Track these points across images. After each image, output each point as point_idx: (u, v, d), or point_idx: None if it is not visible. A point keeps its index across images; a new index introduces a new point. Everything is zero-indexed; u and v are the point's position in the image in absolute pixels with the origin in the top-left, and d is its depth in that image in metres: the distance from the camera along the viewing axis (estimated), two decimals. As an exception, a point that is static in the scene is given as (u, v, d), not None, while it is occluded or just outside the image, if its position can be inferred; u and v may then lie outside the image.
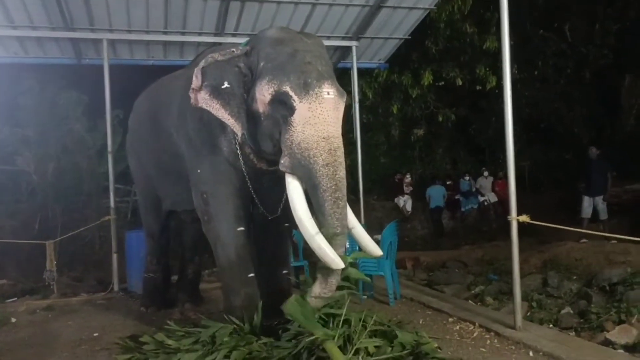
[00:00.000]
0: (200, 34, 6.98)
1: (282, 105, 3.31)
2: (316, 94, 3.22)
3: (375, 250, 3.64)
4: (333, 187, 3.18)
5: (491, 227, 12.75)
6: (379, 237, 5.34)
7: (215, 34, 6.99)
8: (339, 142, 3.27)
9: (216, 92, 3.61)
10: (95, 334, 4.72)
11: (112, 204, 6.68)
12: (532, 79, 13.32)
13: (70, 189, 9.82)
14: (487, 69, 11.20)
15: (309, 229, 3.24)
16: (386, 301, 5.40)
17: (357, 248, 5.84)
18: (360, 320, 3.48)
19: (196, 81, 3.66)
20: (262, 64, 3.49)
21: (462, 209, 13.66)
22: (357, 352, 3.24)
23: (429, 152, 15.27)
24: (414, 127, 14.21)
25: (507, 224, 4.29)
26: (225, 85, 3.61)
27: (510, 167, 4.23)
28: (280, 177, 3.60)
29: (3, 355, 4.22)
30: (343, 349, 3.24)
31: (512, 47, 11.85)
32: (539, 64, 13.06)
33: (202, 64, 3.68)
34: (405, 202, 13.58)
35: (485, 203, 13.61)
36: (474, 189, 13.70)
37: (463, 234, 12.67)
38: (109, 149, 6.73)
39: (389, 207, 13.96)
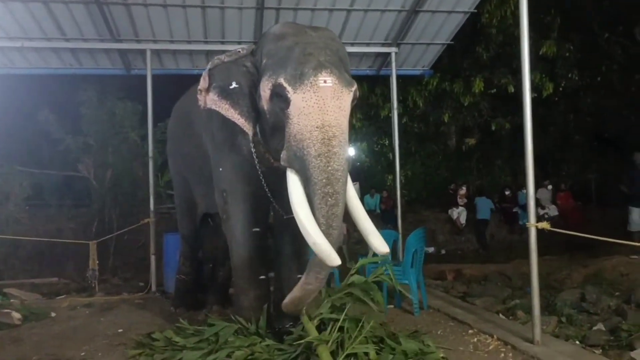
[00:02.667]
0: (239, 42, 7.13)
1: (279, 98, 3.25)
2: (311, 82, 3.10)
3: (382, 246, 3.33)
4: (324, 180, 3.02)
5: (551, 242, 12.10)
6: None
7: (255, 42, 7.10)
8: (335, 131, 3.07)
9: (224, 93, 3.65)
10: (120, 330, 4.88)
11: (151, 207, 6.92)
12: (596, 86, 12.57)
13: (126, 195, 10.28)
14: (544, 76, 10.71)
15: (305, 224, 3.08)
16: (412, 311, 5.23)
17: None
18: (357, 326, 3.40)
19: (203, 83, 3.75)
20: (264, 61, 3.48)
21: (520, 223, 13.07)
22: (348, 357, 3.17)
23: (487, 163, 14.78)
24: (467, 136, 13.82)
25: (568, 239, 4.04)
26: (234, 85, 3.64)
27: (529, 173, 4.01)
28: None
29: (29, 344, 4.48)
30: (335, 353, 3.19)
31: (572, 51, 11.40)
32: (603, 69, 12.30)
33: (209, 66, 3.76)
34: (459, 214, 13.20)
35: (546, 217, 12.94)
36: (533, 202, 13.07)
37: (520, 248, 12.09)
38: (150, 154, 7.02)
39: (442, 219, 13.62)
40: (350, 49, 6.84)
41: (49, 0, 6.14)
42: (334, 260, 3.02)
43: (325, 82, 3.11)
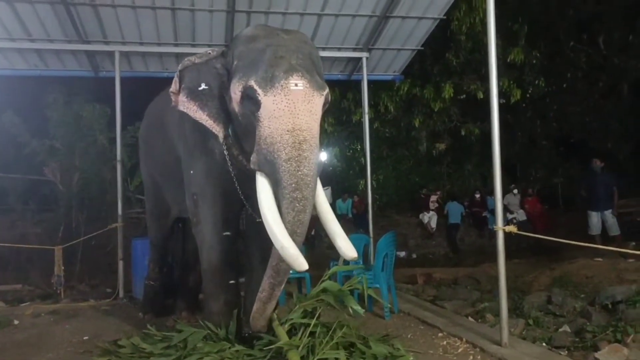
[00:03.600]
0: (210, 45, 7.08)
1: (250, 100, 3.21)
2: (282, 85, 3.07)
3: (349, 250, 3.31)
4: (293, 184, 3.01)
5: (519, 246, 12.33)
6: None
7: (225, 45, 7.08)
8: (306, 135, 3.05)
9: (193, 94, 3.59)
10: (86, 338, 4.77)
11: (119, 211, 6.79)
12: (561, 92, 12.89)
13: (94, 199, 10.06)
14: (512, 82, 10.94)
15: (273, 228, 3.06)
16: (383, 315, 5.25)
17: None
18: (328, 331, 3.40)
19: (174, 85, 3.70)
20: (235, 63, 3.43)
21: (490, 227, 13.29)
22: (319, 362, 3.17)
23: (457, 167, 14.99)
24: (437, 141, 14.02)
25: (535, 243, 4.10)
26: (203, 86, 3.59)
27: (496, 177, 4.08)
28: None
29: (-9, 354, 4.33)
30: (305, 359, 3.17)
31: (538, 59, 11.68)
32: (568, 76, 12.63)
33: (179, 67, 3.71)
34: (430, 218, 13.35)
35: (514, 221, 13.17)
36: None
37: (489, 251, 12.28)
38: (118, 157, 6.90)
39: (414, 224, 13.75)
40: (321, 54, 6.77)
41: (13, -1, 6.00)
42: (302, 264, 3.00)
43: (296, 85, 3.08)
